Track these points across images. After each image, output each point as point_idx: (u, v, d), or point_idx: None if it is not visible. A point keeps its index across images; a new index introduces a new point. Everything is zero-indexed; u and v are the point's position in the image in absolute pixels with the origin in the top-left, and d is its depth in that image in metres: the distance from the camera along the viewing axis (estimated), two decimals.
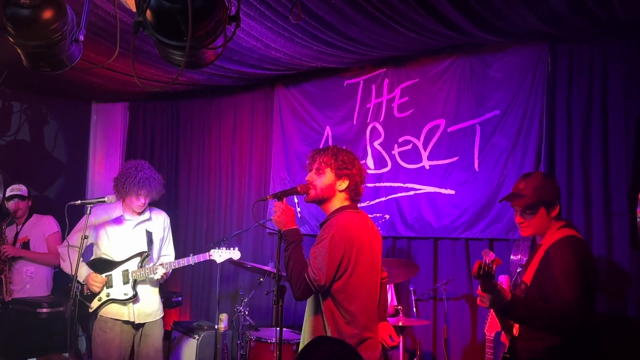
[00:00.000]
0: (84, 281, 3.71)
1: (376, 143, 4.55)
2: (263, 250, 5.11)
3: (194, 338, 4.45)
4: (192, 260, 3.84)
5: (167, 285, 4.08)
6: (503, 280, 3.41)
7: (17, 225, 4.77)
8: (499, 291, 2.23)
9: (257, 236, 5.17)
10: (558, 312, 2.28)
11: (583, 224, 3.61)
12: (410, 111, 4.40)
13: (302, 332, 2.66)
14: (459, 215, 4.10)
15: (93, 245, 3.85)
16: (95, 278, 3.68)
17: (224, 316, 4.26)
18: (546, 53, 3.83)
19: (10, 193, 4.69)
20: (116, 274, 3.75)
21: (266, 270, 4.20)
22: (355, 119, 4.67)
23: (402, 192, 4.39)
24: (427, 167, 4.29)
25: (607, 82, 3.64)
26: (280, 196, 2.59)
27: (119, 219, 3.83)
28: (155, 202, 3.97)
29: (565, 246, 2.39)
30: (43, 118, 5.73)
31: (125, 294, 3.72)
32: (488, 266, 2.15)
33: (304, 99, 4.98)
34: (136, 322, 3.74)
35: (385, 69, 4.54)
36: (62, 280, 4.57)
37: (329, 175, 2.62)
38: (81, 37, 2.28)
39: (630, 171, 3.52)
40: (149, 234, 3.87)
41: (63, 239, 4.02)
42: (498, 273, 3.21)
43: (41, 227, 4.76)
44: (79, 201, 3.62)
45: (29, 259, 4.64)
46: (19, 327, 4.26)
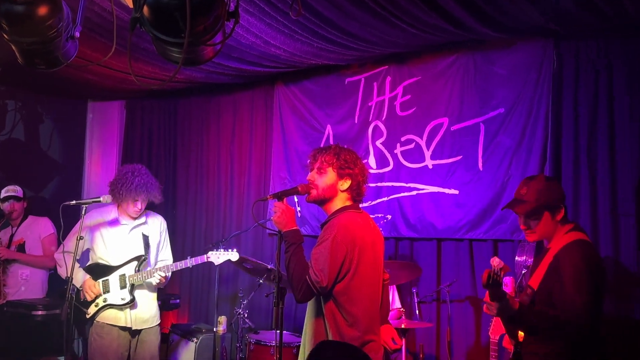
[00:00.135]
0: (81, 287, 3.66)
1: (378, 142, 4.49)
2: (263, 251, 5.06)
3: (193, 341, 4.42)
4: (190, 262, 3.79)
5: (165, 287, 4.03)
6: (508, 282, 3.37)
7: (12, 227, 4.73)
8: (507, 300, 2.22)
9: (257, 237, 5.13)
10: (566, 320, 2.26)
11: (589, 224, 3.59)
12: (412, 109, 4.35)
13: (303, 335, 2.65)
14: (463, 215, 4.06)
15: (89, 250, 3.80)
16: (92, 287, 3.63)
17: (223, 318, 4.25)
18: (551, 50, 3.79)
19: (5, 194, 4.66)
20: (113, 279, 3.70)
21: (269, 267, 4.12)
22: (356, 118, 4.62)
23: (405, 192, 4.34)
24: (430, 167, 4.24)
25: (612, 80, 3.61)
26: (280, 196, 2.56)
27: (115, 222, 3.78)
28: (153, 203, 3.91)
29: (574, 251, 2.36)
30: (38, 116, 5.66)
31: (122, 299, 3.67)
32: (497, 274, 2.12)
33: (305, 97, 4.92)
34: (133, 328, 3.70)
35: (387, 67, 4.49)
36: (58, 282, 4.51)
37: (331, 174, 2.59)
38: (77, 34, 2.28)
39: (636, 171, 3.49)
40: (146, 238, 3.83)
41: (59, 241, 3.96)
42: None
43: (37, 229, 4.72)
44: (74, 201, 3.58)
45: (24, 262, 4.59)
46: (14, 330, 4.24)
